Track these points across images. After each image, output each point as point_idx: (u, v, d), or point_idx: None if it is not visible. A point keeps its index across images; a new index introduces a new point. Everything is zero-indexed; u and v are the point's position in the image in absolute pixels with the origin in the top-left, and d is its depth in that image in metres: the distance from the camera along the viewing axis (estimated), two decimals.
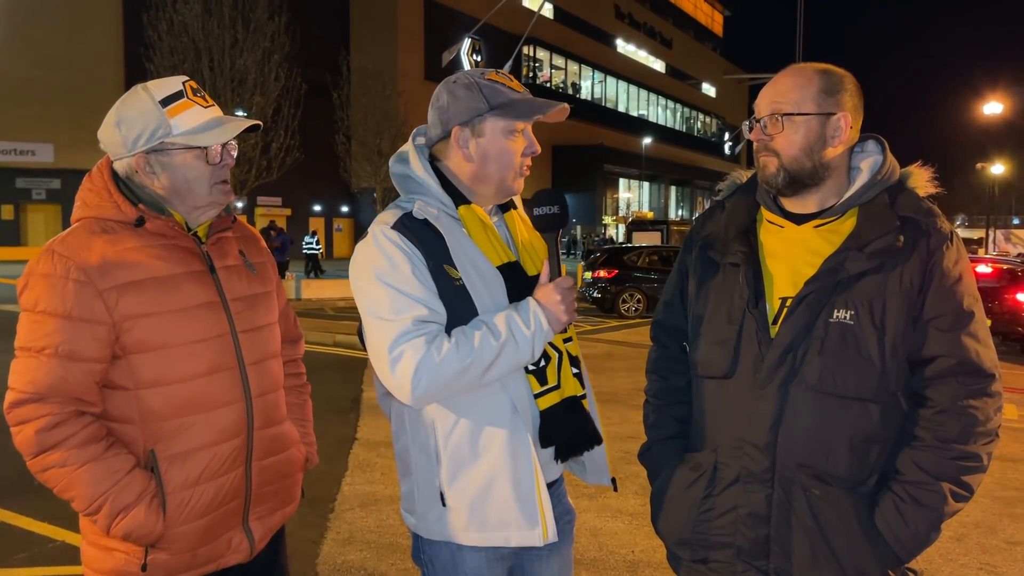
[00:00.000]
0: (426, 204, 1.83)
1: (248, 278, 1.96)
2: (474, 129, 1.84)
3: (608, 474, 2.01)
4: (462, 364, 1.69)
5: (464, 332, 1.73)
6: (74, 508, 1.76)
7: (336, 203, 41.08)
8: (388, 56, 32.25)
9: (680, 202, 66.56)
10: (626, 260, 17.29)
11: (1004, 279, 12.53)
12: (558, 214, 1.84)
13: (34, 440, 1.70)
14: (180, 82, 1.84)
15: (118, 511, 1.72)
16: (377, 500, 5.05)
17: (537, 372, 1.83)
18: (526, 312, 1.75)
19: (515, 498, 1.79)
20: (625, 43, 58.87)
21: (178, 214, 1.86)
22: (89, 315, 1.70)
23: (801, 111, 1.71)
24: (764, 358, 1.70)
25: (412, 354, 1.69)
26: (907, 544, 1.63)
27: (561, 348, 1.88)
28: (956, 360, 1.64)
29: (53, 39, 32.18)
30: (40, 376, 1.70)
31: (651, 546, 4.35)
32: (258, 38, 21.13)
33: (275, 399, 1.98)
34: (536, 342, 1.75)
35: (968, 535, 4.64)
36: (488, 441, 1.78)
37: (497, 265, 1.83)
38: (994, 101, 34.80)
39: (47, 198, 33.90)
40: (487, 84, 1.85)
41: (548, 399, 1.83)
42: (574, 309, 1.81)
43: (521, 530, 1.80)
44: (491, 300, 1.79)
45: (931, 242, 1.67)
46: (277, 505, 2.01)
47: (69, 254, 1.72)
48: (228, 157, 1.88)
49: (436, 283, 1.77)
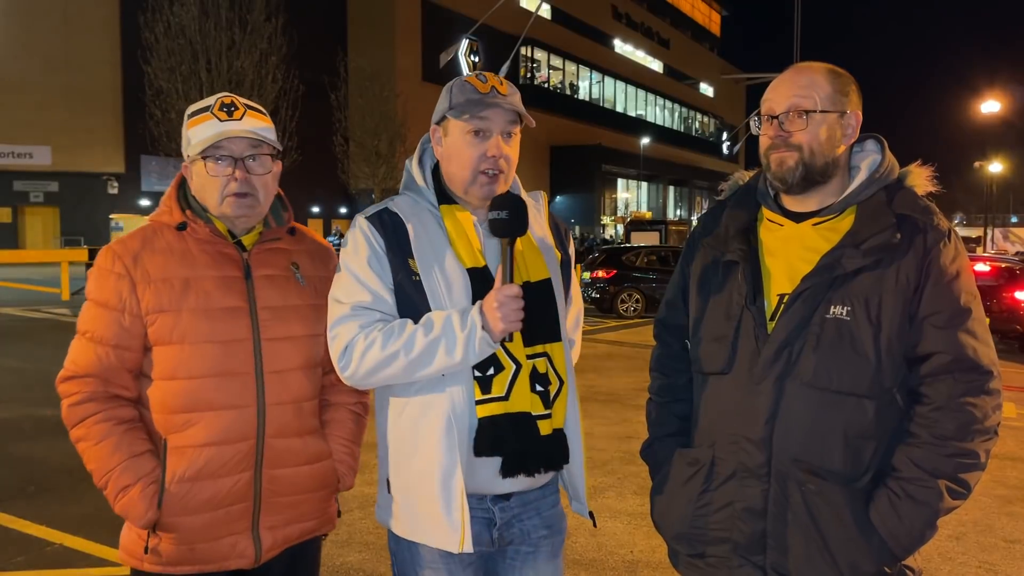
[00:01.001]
0: (411, 199, 1.92)
1: (289, 289, 1.98)
2: (443, 128, 1.90)
3: (586, 505, 1.99)
4: (385, 352, 1.75)
5: (402, 323, 1.79)
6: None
7: (334, 204, 41.06)
8: (386, 57, 32.25)
9: (678, 202, 66.63)
10: (624, 260, 17.30)
11: (1002, 278, 12.54)
12: (506, 219, 1.78)
13: (66, 414, 1.90)
14: (216, 97, 1.95)
15: (119, 490, 1.85)
16: (376, 502, 5.04)
17: (482, 379, 1.79)
18: (466, 314, 1.75)
19: (440, 500, 1.78)
20: (623, 43, 58.92)
21: (219, 221, 1.95)
22: (121, 305, 1.87)
23: (824, 108, 1.73)
24: (760, 353, 1.71)
25: (344, 336, 1.80)
26: (902, 540, 1.63)
27: (523, 362, 1.82)
28: (953, 356, 1.64)
29: (50, 42, 32.19)
30: (78, 356, 1.90)
31: (650, 546, 4.35)
32: (255, 40, 21.12)
33: (295, 410, 1.96)
34: (469, 344, 1.72)
35: (967, 534, 4.65)
36: (424, 438, 1.80)
37: (468, 267, 1.83)
38: (992, 100, 34.86)
39: (44, 201, 33.90)
40: (459, 84, 1.88)
41: (488, 408, 1.79)
42: (516, 319, 1.73)
43: (442, 533, 1.79)
44: (449, 298, 1.80)
45: (928, 239, 1.68)
46: (294, 518, 1.99)
47: (119, 250, 1.91)
48: (241, 171, 1.89)
49: (395, 275, 1.83)
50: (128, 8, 29.26)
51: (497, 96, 1.84)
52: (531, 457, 1.83)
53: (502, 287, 1.74)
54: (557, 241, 2.04)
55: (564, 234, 2.09)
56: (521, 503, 1.91)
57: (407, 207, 1.89)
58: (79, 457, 1.94)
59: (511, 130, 1.88)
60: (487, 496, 1.86)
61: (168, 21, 20.55)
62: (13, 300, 16.83)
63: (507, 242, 1.77)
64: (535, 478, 1.89)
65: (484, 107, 1.83)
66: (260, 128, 1.92)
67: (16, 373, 9.12)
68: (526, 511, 1.92)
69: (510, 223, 1.78)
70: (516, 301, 1.73)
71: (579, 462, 1.94)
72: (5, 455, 5.87)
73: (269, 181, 1.96)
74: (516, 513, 1.91)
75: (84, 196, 33.52)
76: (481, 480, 1.82)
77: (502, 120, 1.85)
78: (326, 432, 2.07)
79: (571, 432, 1.91)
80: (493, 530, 1.88)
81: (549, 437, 1.84)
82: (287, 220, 2.08)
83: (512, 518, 1.90)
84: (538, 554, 1.94)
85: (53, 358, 8.26)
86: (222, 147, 1.88)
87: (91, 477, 1.90)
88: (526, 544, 1.93)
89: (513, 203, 1.80)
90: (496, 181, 1.86)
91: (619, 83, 58.91)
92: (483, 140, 1.84)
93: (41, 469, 5.47)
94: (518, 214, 1.79)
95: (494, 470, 1.81)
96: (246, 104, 1.94)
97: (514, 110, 1.86)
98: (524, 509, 1.91)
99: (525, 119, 1.90)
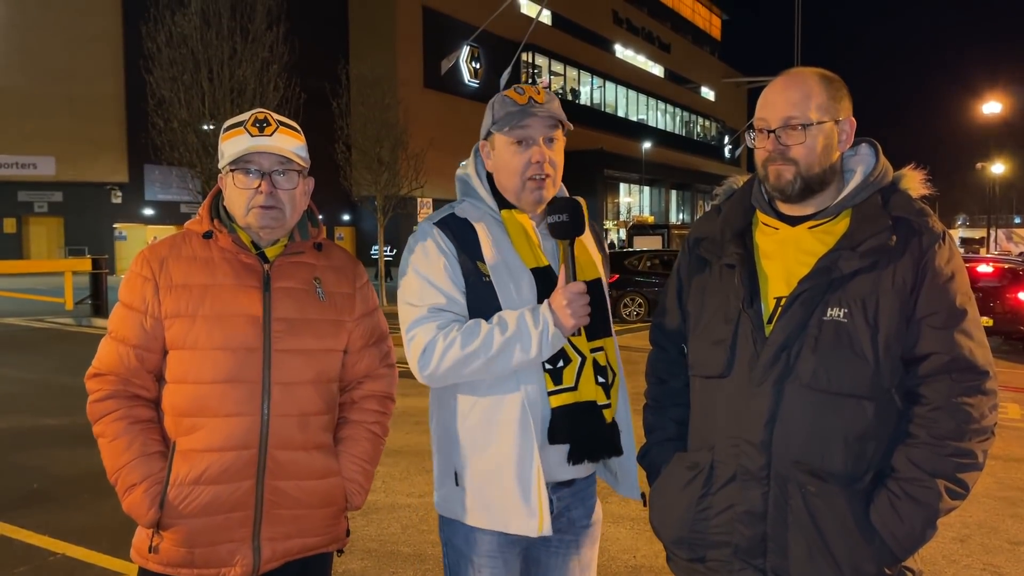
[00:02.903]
0: (472, 205, 2.03)
1: (308, 303, 1.99)
2: (491, 143, 2.03)
3: (638, 489, 2.08)
4: (465, 351, 1.84)
5: (477, 323, 1.88)
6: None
7: (337, 212, 41.11)
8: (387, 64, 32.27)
9: (681, 206, 66.57)
10: (627, 264, 17.31)
11: (1005, 278, 12.50)
12: (567, 222, 1.91)
13: (89, 410, 1.97)
14: (251, 112, 2.01)
15: (126, 487, 1.90)
16: (378, 508, 5.04)
17: (553, 372, 1.91)
18: (537, 312, 1.86)
19: (518, 487, 1.88)
20: (624, 48, 58.96)
21: (243, 232, 2.00)
22: (145, 308, 1.93)
23: (818, 120, 1.74)
24: (759, 356, 1.71)
25: (422, 337, 1.89)
26: (903, 541, 1.63)
27: (586, 354, 1.94)
28: (949, 357, 1.65)
29: (53, 52, 32.29)
30: (104, 355, 1.98)
31: (653, 551, 4.34)
32: (257, 48, 21.15)
33: (301, 423, 1.96)
34: (543, 340, 1.84)
35: (971, 536, 4.63)
36: (500, 429, 1.90)
37: (531, 267, 1.94)
38: (993, 100, 34.82)
39: (49, 211, 33.97)
40: (499, 99, 2.00)
41: (561, 398, 1.90)
42: (584, 314, 1.86)
43: (520, 518, 1.89)
44: (518, 297, 1.91)
45: (923, 241, 1.69)
46: (295, 533, 1.98)
47: (148, 255, 1.98)
48: (267, 185, 1.93)
49: (466, 278, 1.94)
50: (130, 18, 29.38)
51: (535, 106, 1.95)
52: (598, 443, 1.96)
53: (569, 285, 1.87)
54: (598, 244, 2.18)
55: (601, 238, 2.22)
56: (572, 493, 2.02)
57: (473, 212, 2.01)
58: (81, 467, 1.96)
59: (552, 135, 1.99)
60: (550, 484, 1.94)
61: (170, 31, 20.58)
62: (17, 310, 16.87)
63: (568, 243, 1.91)
64: (597, 464, 2.03)
65: (524, 117, 1.94)
66: (290, 144, 1.96)
67: (19, 383, 9.14)
68: (575, 500, 2.04)
69: (571, 224, 1.92)
70: (583, 297, 1.87)
71: (632, 449, 2.06)
72: (8, 464, 5.88)
73: (296, 196, 1.99)
74: (568, 503, 2.02)
75: (88, 206, 33.59)
76: (548, 467, 1.92)
77: (541, 127, 1.96)
78: (339, 449, 2.06)
79: (622, 421, 2.04)
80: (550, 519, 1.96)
81: (611, 425, 1.98)
82: (314, 236, 2.09)
83: (564, 508, 2.01)
84: (581, 542, 2.06)
85: (56, 368, 8.29)
86: (252, 161, 1.94)
87: (93, 487, 1.93)
88: (570, 532, 2.04)
89: (571, 206, 1.94)
90: (543, 186, 1.98)
91: (620, 88, 58.92)
92: (526, 148, 1.96)
93: (44, 479, 5.45)
94: (576, 216, 1.94)
95: (561, 457, 1.93)
96: (279, 120, 1.98)
97: (552, 116, 1.97)
98: (574, 499, 2.03)
99: (565, 124, 2.00)
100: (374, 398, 2.13)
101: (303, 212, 2.07)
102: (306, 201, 2.06)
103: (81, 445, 6.16)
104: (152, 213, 35.25)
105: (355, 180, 25.58)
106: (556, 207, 1.95)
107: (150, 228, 33.78)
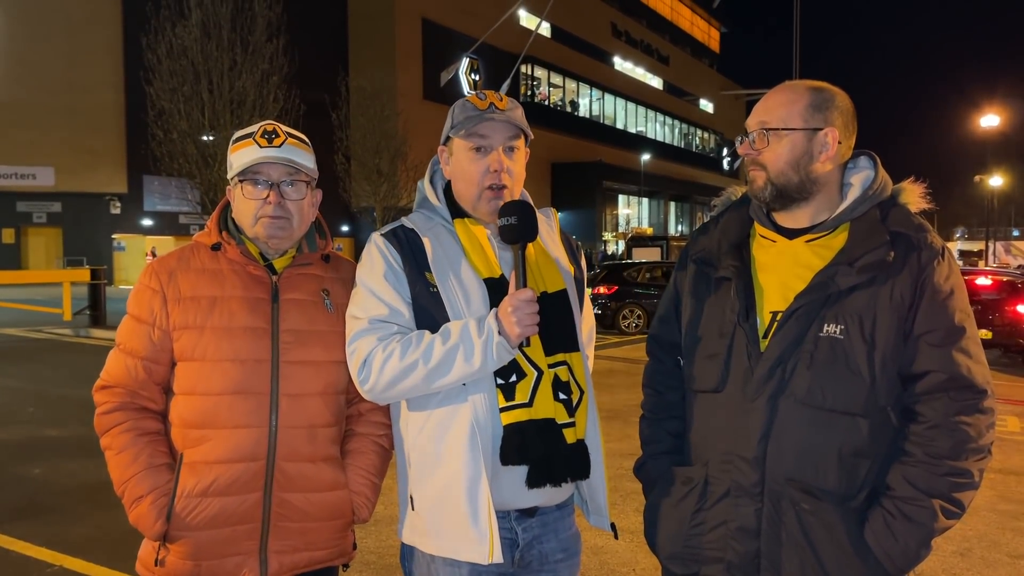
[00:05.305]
0: (423, 216, 1.96)
1: (316, 315, 1.99)
2: (449, 148, 1.95)
3: (607, 518, 1.96)
4: (404, 363, 1.76)
5: (420, 334, 1.80)
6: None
7: (335, 223, 41.16)
8: (386, 76, 32.37)
9: (679, 218, 66.63)
10: (626, 276, 17.31)
11: (1004, 291, 12.50)
12: (515, 224, 1.80)
13: (96, 422, 1.96)
14: (260, 124, 2.01)
15: (133, 500, 1.90)
16: (377, 521, 5.02)
17: (505, 386, 1.79)
18: (483, 321, 1.76)
19: (468, 510, 1.76)
20: (622, 60, 59.14)
21: (251, 244, 2.00)
22: (153, 320, 1.94)
23: (787, 126, 1.74)
24: (753, 372, 1.71)
25: (363, 349, 1.82)
26: (897, 560, 1.62)
27: (544, 369, 1.82)
28: (947, 375, 1.64)
29: (53, 63, 32.39)
30: (112, 367, 1.97)
31: (652, 564, 4.32)
32: (257, 60, 21.24)
33: (309, 435, 1.95)
34: (487, 350, 1.72)
35: (972, 549, 4.62)
36: (449, 448, 1.79)
37: (484, 277, 1.86)
38: (991, 114, 34.92)
39: (48, 221, 33.99)
40: (460, 103, 1.93)
41: (513, 415, 1.78)
42: (531, 323, 1.73)
43: (469, 543, 1.77)
44: (468, 309, 1.82)
45: (922, 257, 1.68)
46: (302, 546, 1.96)
47: (157, 268, 1.98)
48: (275, 195, 1.94)
49: (413, 288, 1.86)
50: (131, 30, 29.48)
51: (495, 112, 1.87)
52: (557, 465, 1.80)
53: (516, 293, 1.75)
54: (570, 256, 2.06)
55: (576, 250, 2.13)
56: (541, 523, 1.89)
57: (422, 223, 1.93)
58: (80, 478, 1.96)
59: (513, 144, 1.91)
60: (511, 512, 1.85)
61: (170, 42, 20.68)
62: (15, 320, 16.84)
63: (518, 247, 1.80)
64: (561, 488, 1.87)
65: (482, 122, 1.86)
66: (298, 155, 1.97)
67: (17, 393, 9.11)
68: (545, 532, 1.90)
69: (519, 228, 1.81)
70: (530, 305, 1.74)
71: (600, 474, 1.92)
72: (5, 476, 5.85)
73: (304, 207, 2.00)
74: (536, 534, 1.89)
75: (87, 216, 33.61)
76: (506, 492, 1.81)
77: (502, 135, 1.88)
78: (347, 462, 2.05)
79: (592, 443, 1.89)
80: (515, 551, 1.86)
81: (574, 446, 1.84)
82: (322, 247, 2.10)
83: (532, 539, 1.88)
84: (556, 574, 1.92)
85: (54, 379, 8.28)
86: (260, 171, 1.94)
87: (91, 498, 1.93)
88: (544, 569, 1.91)
89: (520, 208, 1.82)
90: (501, 196, 1.89)
91: (619, 100, 59.07)
92: (484, 155, 1.88)
93: (41, 490, 5.43)
94: (526, 219, 1.82)
95: (519, 481, 1.80)
96: (288, 132, 2.00)
97: (513, 124, 1.88)
98: (544, 530, 1.90)
99: (527, 134, 1.92)
100: (381, 410, 2.09)
101: (311, 224, 2.08)
102: (314, 212, 2.07)
103: (79, 456, 6.16)
104: (151, 224, 35.25)
105: (354, 191, 25.63)
106: (506, 210, 1.83)
107: (149, 239, 33.76)
